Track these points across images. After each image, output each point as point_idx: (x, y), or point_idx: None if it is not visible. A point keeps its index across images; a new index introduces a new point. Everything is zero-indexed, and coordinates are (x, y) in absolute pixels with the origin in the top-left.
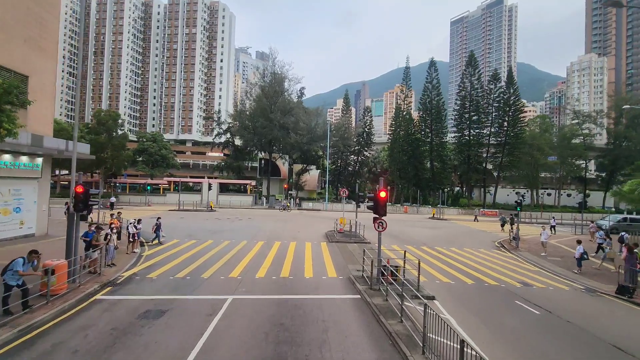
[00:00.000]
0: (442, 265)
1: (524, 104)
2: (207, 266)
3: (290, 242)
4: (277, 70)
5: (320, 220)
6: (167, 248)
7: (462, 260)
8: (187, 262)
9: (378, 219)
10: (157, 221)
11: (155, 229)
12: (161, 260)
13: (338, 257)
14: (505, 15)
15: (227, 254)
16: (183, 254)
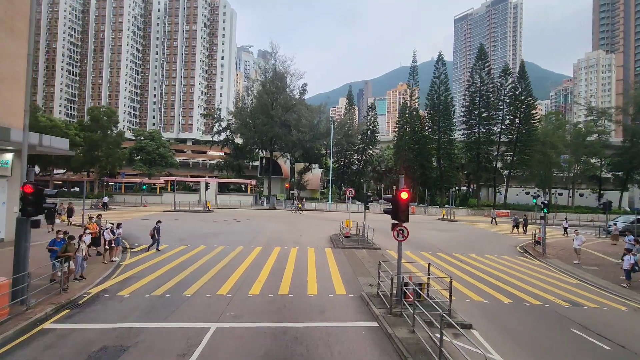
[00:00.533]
0: (467, 277)
1: (536, 100)
2: (193, 279)
3: (292, 247)
4: (278, 65)
5: (324, 222)
6: (152, 256)
7: (488, 271)
8: (170, 274)
9: (398, 226)
10: (156, 225)
11: (153, 233)
12: (141, 271)
13: (346, 267)
14: (510, 12)
15: (219, 263)
16: (168, 263)
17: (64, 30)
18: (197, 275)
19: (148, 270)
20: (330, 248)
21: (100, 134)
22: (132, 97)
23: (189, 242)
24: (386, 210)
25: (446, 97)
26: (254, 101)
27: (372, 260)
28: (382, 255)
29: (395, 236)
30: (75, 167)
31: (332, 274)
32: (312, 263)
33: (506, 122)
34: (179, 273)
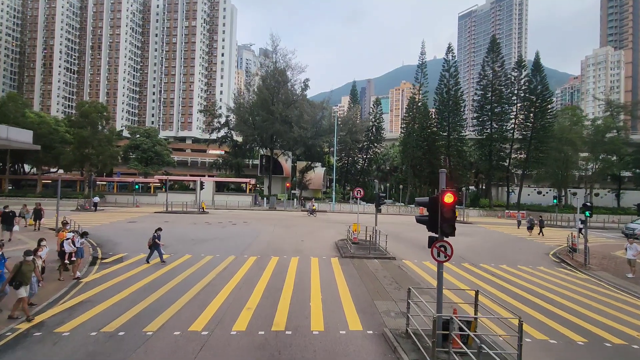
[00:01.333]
0: (512, 300)
1: (552, 94)
2: (163, 305)
3: (292, 257)
4: (279, 59)
5: (328, 225)
6: (123, 269)
7: (533, 290)
8: (136, 297)
9: (439, 241)
10: (156, 233)
11: (152, 243)
12: (101, 292)
13: (358, 285)
14: (516, 9)
15: (202, 280)
16: (139, 280)
17: (62, 27)
18: (170, 299)
19: (110, 290)
20: (337, 257)
21: (90, 130)
22: (130, 94)
23: (173, 251)
24: (420, 219)
25: (456, 92)
26: (253, 97)
27: (388, 274)
28: (398, 267)
29: (435, 255)
30: (65, 166)
31: (342, 295)
32: (315, 279)
33: (520, 118)
34: (148, 295)
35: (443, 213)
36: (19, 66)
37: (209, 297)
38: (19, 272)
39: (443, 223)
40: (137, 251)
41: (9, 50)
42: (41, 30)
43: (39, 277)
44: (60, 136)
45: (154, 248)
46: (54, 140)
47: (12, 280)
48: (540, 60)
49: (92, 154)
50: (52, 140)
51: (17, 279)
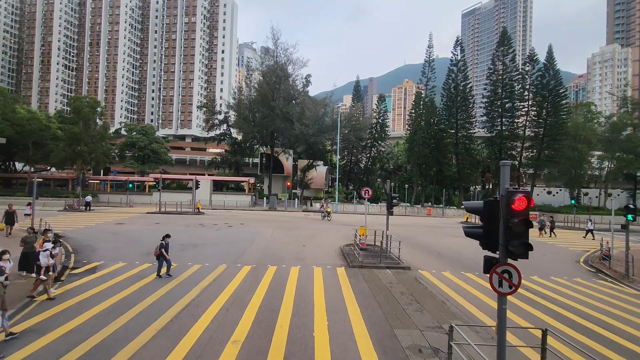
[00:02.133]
0: (562, 326)
1: (565, 89)
2: (126, 336)
3: (292, 266)
4: (279, 53)
5: (332, 227)
6: (93, 282)
7: (580, 310)
8: (95, 324)
9: (502, 264)
10: (163, 241)
11: (159, 252)
12: (53, 317)
13: (371, 305)
14: (520, 6)
15: (182, 299)
16: (107, 298)
17: (60, 23)
18: (138, 326)
19: (67, 314)
20: (344, 267)
21: (82, 127)
22: (129, 92)
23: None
24: (471, 231)
25: (464, 87)
26: (252, 92)
27: (405, 289)
28: (415, 279)
29: (495, 285)
30: (56, 164)
31: (353, 320)
32: (320, 296)
33: (532, 114)
34: (112, 320)
35: (511, 224)
36: (16, 63)
37: (187, 323)
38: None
39: (511, 239)
40: (116, 259)
41: (7, 47)
42: (39, 26)
43: (4, 307)
44: (51, 133)
45: (162, 259)
46: (45, 137)
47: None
48: (554, 54)
49: (84, 151)
50: (43, 137)
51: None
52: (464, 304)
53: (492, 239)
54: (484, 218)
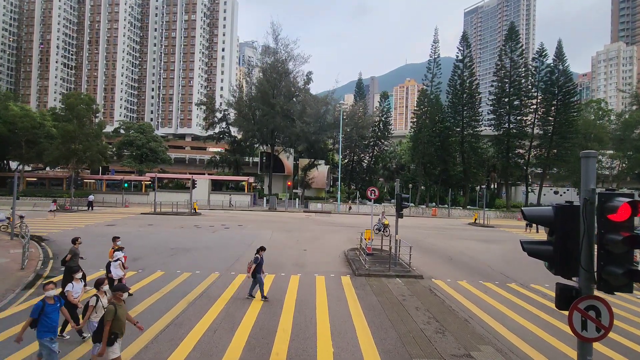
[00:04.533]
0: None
1: (576, 85)
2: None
3: (291, 274)
4: (280, 49)
5: (334, 230)
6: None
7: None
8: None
9: (586, 298)
10: (258, 255)
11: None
12: (3, 344)
13: (383, 326)
14: (523, 3)
15: (163, 317)
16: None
17: (59, 21)
18: None
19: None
20: (349, 276)
21: (76, 124)
22: (129, 90)
23: (144, 265)
24: (534, 249)
25: (471, 83)
26: (252, 90)
27: (421, 304)
28: (430, 291)
29: (577, 327)
30: (50, 162)
31: (363, 347)
32: (323, 313)
33: (540, 112)
34: (72, 349)
35: (608, 242)
36: (15, 62)
37: (164, 349)
38: (115, 318)
39: (607, 263)
40: (97, 266)
41: (6, 45)
42: (38, 24)
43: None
44: (45, 131)
45: (259, 276)
46: (38, 135)
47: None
48: (563, 49)
49: (79, 149)
50: (37, 135)
51: (114, 330)
52: (490, 322)
53: (569, 260)
54: (557, 231)
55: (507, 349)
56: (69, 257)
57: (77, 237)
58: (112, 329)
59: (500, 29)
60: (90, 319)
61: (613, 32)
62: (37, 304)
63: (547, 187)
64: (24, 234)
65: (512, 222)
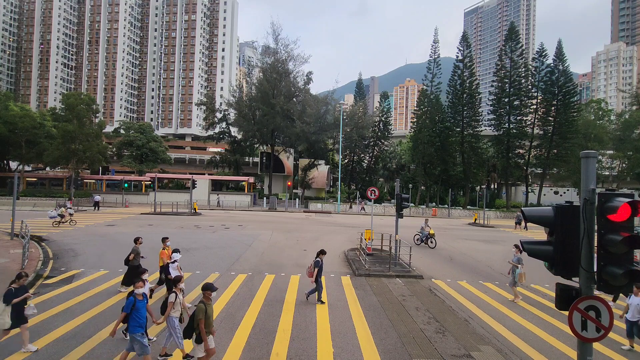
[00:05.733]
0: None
1: (576, 86)
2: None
3: (292, 274)
4: (280, 49)
5: (335, 230)
6: (64, 296)
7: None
8: (55, 354)
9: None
10: (318, 258)
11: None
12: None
13: (383, 326)
14: (524, 3)
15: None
16: (75, 317)
17: (59, 21)
18: (101, 358)
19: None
20: (349, 276)
21: (76, 124)
22: (129, 90)
23: (144, 265)
24: (534, 249)
25: (471, 84)
26: (252, 90)
27: (421, 303)
28: (430, 291)
29: (577, 327)
30: (50, 162)
31: (363, 347)
32: (323, 314)
33: (540, 112)
34: (72, 348)
35: (608, 243)
36: (15, 62)
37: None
38: (206, 317)
39: (607, 264)
40: (97, 266)
41: (6, 45)
42: (38, 24)
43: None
44: (45, 131)
45: (318, 280)
46: (38, 135)
47: (188, 328)
48: (563, 49)
49: (79, 149)
50: (37, 135)
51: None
52: (490, 322)
53: (569, 261)
54: (557, 231)
55: (507, 349)
56: (132, 256)
57: (139, 237)
58: (207, 326)
59: (500, 29)
60: (170, 315)
61: (613, 32)
62: (129, 300)
63: (547, 187)
64: (23, 234)
65: (512, 222)
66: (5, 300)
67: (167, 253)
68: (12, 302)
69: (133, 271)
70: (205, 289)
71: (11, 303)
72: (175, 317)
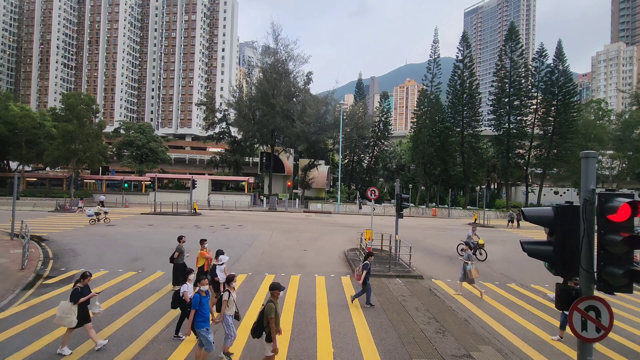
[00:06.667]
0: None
1: (576, 86)
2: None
3: (291, 275)
4: (280, 49)
5: (334, 230)
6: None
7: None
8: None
9: (586, 298)
10: (367, 261)
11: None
12: (6, 342)
13: (383, 326)
14: (524, 5)
15: (163, 317)
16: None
17: (59, 21)
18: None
19: (25, 337)
20: (349, 276)
21: (76, 124)
22: (129, 90)
23: (144, 265)
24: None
25: (471, 84)
26: (252, 90)
27: (421, 304)
28: (430, 291)
29: (577, 327)
30: (49, 162)
31: (363, 347)
32: (323, 314)
33: (540, 112)
34: (71, 349)
35: (608, 243)
36: (15, 62)
37: (164, 351)
38: (276, 316)
39: (607, 264)
40: (98, 266)
41: (6, 45)
42: (38, 25)
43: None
44: (45, 131)
45: (367, 283)
46: (38, 135)
47: (258, 327)
48: (563, 49)
49: (79, 149)
50: (37, 135)
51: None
52: (490, 322)
53: (569, 261)
54: (557, 231)
55: (507, 349)
56: (176, 254)
57: (182, 235)
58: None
59: (500, 29)
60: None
61: (613, 32)
62: (195, 296)
63: (547, 187)
64: (23, 234)
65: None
66: (73, 299)
67: (206, 254)
68: (79, 301)
69: (179, 269)
70: (272, 288)
71: (78, 302)
72: (229, 315)
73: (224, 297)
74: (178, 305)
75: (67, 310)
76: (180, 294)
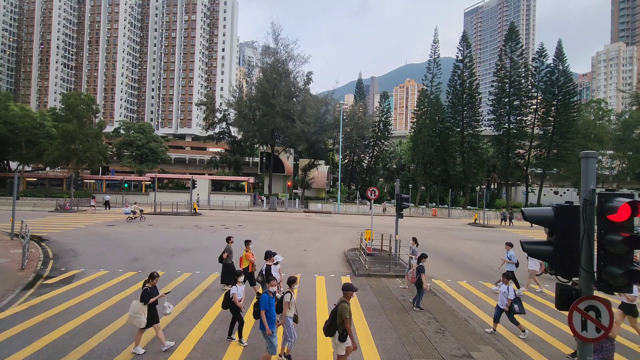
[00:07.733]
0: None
1: (576, 86)
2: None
3: (291, 274)
4: (280, 49)
5: (335, 230)
6: (62, 297)
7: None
8: (54, 354)
9: (586, 298)
10: (420, 264)
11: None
12: (5, 343)
13: (383, 326)
14: (524, 5)
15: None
16: (75, 317)
17: (59, 21)
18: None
19: (25, 337)
20: (349, 276)
21: (76, 124)
22: (129, 90)
23: (144, 265)
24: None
25: (471, 84)
26: (252, 90)
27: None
28: (430, 291)
29: (577, 327)
30: (49, 162)
31: (364, 347)
32: (323, 314)
33: (540, 112)
34: (71, 349)
35: (608, 243)
36: (15, 62)
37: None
38: (350, 315)
39: (607, 264)
40: (98, 266)
41: (6, 45)
42: (38, 25)
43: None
44: (45, 131)
45: (422, 285)
46: (38, 135)
47: (331, 326)
48: (563, 49)
49: (79, 149)
50: (37, 135)
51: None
52: (490, 322)
53: (569, 261)
54: (557, 231)
55: (507, 349)
56: (225, 255)
57: (230, 236)
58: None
59: (500, 29)
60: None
61: (613, 32)
62: (264, 296)
63: (547, 187)
64: (23, 234)
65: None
66: (143, 300)
67: (250, 257)
68: (149, 302)
69: (228, 269)
70: (346, 289)
71: (148, 303)
72: (290, 317)
73: (286, 298)
74: (229, 306)
75: (138, 310)
76: (229, 295)
